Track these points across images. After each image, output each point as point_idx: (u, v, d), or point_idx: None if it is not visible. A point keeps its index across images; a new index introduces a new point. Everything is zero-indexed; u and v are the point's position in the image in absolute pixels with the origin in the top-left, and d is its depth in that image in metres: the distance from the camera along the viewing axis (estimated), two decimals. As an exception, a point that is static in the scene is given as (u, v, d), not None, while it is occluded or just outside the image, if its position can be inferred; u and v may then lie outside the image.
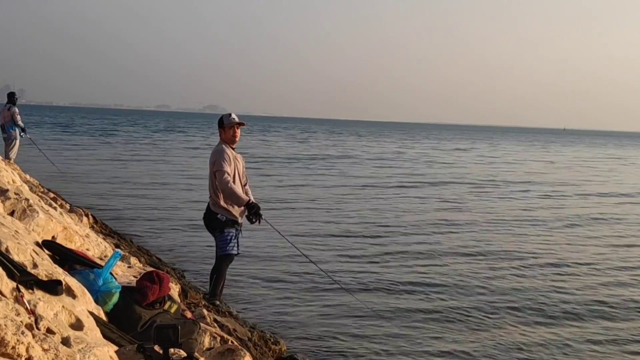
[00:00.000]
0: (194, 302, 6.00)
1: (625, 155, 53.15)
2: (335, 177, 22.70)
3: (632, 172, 32.79)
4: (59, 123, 64.31)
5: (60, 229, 4.93)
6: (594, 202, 18.44)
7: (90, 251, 5.15)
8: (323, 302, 7.28)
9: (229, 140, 6.31)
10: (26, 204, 4.79)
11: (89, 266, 3.94)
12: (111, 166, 22.46)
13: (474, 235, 11.73)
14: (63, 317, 3.00)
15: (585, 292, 8.13)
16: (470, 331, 6.49)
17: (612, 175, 28.83)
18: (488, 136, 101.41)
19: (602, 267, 9.55)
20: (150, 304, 3.83)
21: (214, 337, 4.47)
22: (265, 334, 5.78)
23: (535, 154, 46.88)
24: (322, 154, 35.64)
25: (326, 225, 12.28)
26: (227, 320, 5.61)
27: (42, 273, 3.25)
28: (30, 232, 4.29)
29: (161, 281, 3.91)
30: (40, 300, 2.94)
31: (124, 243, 8.55)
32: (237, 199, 6.07)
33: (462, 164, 32.95)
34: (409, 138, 74.12)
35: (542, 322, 6.87)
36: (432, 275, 8.65)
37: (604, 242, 11.75)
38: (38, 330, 2.65)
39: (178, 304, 4.16)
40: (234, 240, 6.19)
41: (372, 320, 6.68)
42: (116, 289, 3.74)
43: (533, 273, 9.00)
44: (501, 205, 16.47)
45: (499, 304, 7.41)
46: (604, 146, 75.31)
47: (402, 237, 11.42)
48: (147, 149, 33.54)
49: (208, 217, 6.31)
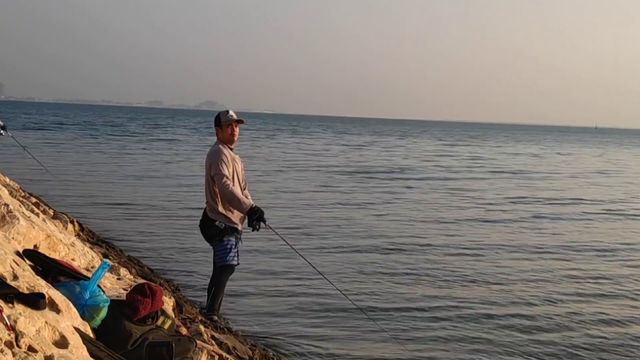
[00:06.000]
0: (189, 317, 6.00)
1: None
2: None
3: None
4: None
5: (43, 237, 4.94)
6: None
7: (76, 261, 5.16)
8: (331, 319, 7.24)
9: (227, 139, 6.30)
10: (5, 210, 4.80)
11: (74, 278, 3.94)
12: (99, 170, 22.55)
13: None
14: (46, 334, 3.01)
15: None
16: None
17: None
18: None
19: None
20: (142, 320, 3.83)
21: (211, 355, 4.48)
22: (268, 353, 5.78)
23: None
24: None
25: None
26: (226, 337, 5.62)
27: (23, 285, 3.26)
28: (10, 241, 4.30)
29: (154, 294, 3.92)
30: (21, 315, 2.94)
31: (112, 252, 8.58)
32: (239, 204, 6.04)
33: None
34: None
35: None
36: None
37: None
38: (19, 348, 2.66)
39: (172, 319, 4.16)
40: (234, 250, 6.19)
41: (385, 343, 6.59)
42: (104, 303, 3.75)
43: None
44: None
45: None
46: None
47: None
48: (136, 149, 33.68)
49: (205, 225, 6.31)
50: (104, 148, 32.85)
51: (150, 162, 26.57)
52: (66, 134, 44.04)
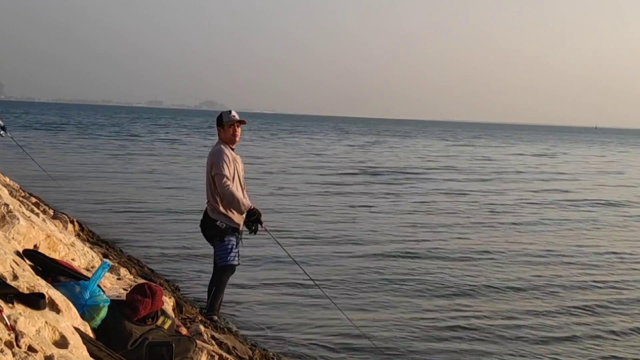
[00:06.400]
0: (189, 317, 6.00)
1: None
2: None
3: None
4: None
5: (43, 237, 4.94)
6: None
7: (75, 261, 5.17)
8: (332, 322, 7.18)
9: (228, 140, 6.31)
10: (5, 210, 4.80)
11: (74, 278, 3.95)
12: (99, 170, 22.54)
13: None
14: (46, 334, 3.01)
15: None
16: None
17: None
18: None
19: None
20: (142, 320, 3.83)
21: (211, 355, 4.48)
22: (268, 353, 5.78)
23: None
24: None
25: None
26: (226, 337, 5.62)
27: (23, 285, 3.26)
28: (10, 241, 4.30)
29: (154, 294, 3.92)
30: (21, 315, 2.94)
31: (112, 252, 8.58)
32: (238, 205, 6.07)
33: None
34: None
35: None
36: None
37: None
38: (19, 348, 2.66)
39: (172, 319, 4.16)
40: (235, 250, 6.20)
41: (386, 344, 6.54)
42: (104, 303, 3.75)
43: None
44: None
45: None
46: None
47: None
48: (136, 149, 33.68)
49: (206, 224, 6.32)
50: (104, 148, 32.82)
51: (151, 162, 26.57)
52: (66, 134, 44.01)
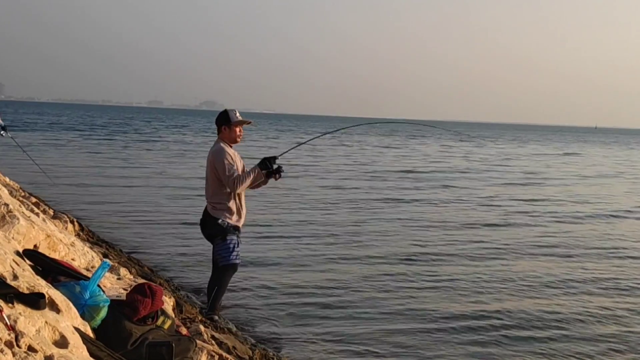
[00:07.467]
0: (189, 317, 6.00)
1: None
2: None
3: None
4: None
5: (43, 237, 4.95)
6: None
7: (75, 261, 5.17)
8: (334, 321, 7.16)
9: (232, 139, 6.29)
10: (5, 210, 4.80)
11: (74, 278, 3.95)
12: (99, 170, 22.54)
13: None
14: (46, 334, 3.01)
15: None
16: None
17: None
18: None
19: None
20: (142, 319, 3.83)
21: (211, 355, 4.48)
22: (268, 353, 5.78)
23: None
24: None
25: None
26: (226, 337, 5.62)
27: (23, 285, 3.26)
28: (10, 241, 4.30)
29: (154, 294, 3.92)
30: (21, 315, 2.95)
31: (112, 252, 8.58)
32: (250, 176, 6.13)
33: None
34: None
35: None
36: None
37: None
38: (19, 348, 2.66)
39: (172, 319, 4.16)
40: (237, 249, 6.19)
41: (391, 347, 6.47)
42: (104, 302, 3.75)
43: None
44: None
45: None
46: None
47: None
48: (136, 149, 33.68)
49: (207, 223, 6.30)
50: (104, 148, 32.83)
51: (151, 162, 26.56)
52: (66, 134, 44.02)
